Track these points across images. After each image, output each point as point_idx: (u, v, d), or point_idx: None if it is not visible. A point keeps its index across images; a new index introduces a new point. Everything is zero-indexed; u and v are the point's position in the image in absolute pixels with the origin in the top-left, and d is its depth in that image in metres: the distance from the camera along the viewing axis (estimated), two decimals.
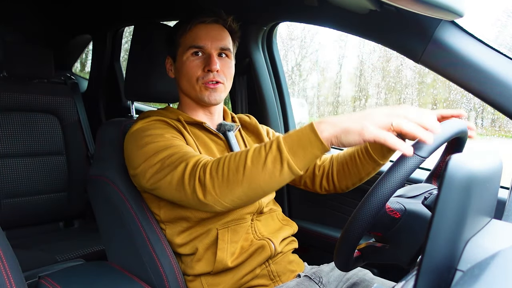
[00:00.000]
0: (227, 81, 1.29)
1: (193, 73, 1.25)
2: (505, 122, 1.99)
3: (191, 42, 1.26)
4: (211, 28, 1.27)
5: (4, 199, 2.04)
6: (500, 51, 1.13)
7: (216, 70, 1.24)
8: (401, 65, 2.22)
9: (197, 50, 1.25)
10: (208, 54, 1.25)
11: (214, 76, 1.24)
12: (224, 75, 1.27)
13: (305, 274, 1.27)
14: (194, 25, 1.27)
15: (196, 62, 1.25)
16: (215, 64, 1.23)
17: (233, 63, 1.33)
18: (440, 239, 0.52)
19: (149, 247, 1.20)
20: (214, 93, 1.26)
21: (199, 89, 1.26)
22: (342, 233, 0.85)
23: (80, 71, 3.51)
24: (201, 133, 1.30)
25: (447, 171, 0.52)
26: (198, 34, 1.26)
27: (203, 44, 1.25)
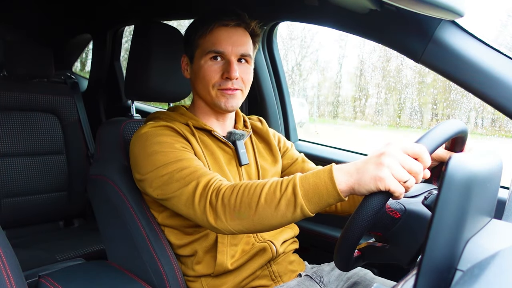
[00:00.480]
0: (245, 88, 1.25)
1: (210, 78, 1.20)
2: (505, 122, 1.99)
3: (210, 46, 1.20)
4: (233, 32, 1.21)
5: (4, 199, 2.04)
6: (500, 51, 1.13)
7: (236, 78, 1.19)
8: (401, 64, 2.22)
9: (216, 55, 1.20)
10: (228, 60, 1.19)
11: (233, 83, 1.20)
12: (243, 81, 1.23)
13: (306, 273, 1.27)
14: (215, 27, 1.20)
15: (215, 68, 1.20)
16: (234, 71, 1.18)
17: (252, 68, 1.27)
18: (440, 238, 0.52)
19: (149, 247, 1.20)
20: (232, 100, 1.22)
21: (215, 94, 1.21)
22: (342, 233, 0.85)
23: (80, 70, 3.51)
24: (210, 140, 1.26)
25: (447, 171, 0.52)
26: (219, 38, 1.19)
27: (223, 50, 1.19)
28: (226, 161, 1.26)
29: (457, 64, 1.15)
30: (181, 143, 1.16)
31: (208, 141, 1.26)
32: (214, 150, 1.25)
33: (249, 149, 1.35)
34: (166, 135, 1.16)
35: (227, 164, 1.26)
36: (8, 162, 2.07)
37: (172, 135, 1.17)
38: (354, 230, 0.82)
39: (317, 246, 1.76)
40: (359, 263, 0.98)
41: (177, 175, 1.05)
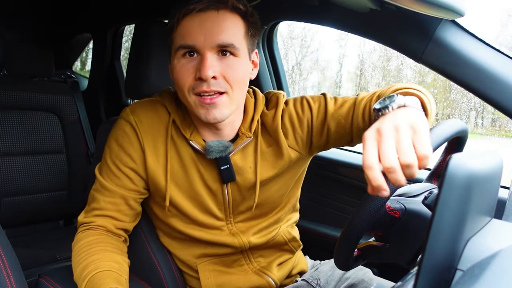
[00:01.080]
0: (233, 89, 0.98)
1: (183, 81, 0.97)
2: (506, 122, 1.99)
3: (179, 40, 0.97)
4: (205, 18, 0.95)
5: (4, 198, 2.04)
6: (500, 50, 1.13)
7: (212, 77, 0.94)
8: (401, 64, 2.22)
9: (189, 50, 0.96)
10: (202, 54, 0.95)
11: (210, 85, 0.94)
12: (227, 81, 0.96)
13: (303, 278, 1.26)
14: (183, 16, 0.97)
15: (188, 67, 0.97)
16: (206, 69, 0.93)
17: (243, 62, 1.00)
18: (440, 238, 0.52)
19: (147, 247, 1.20)
20: (213, 110, 0.97)
21: (194, 103, 0.98)
22: (342, 232, 0.85)
23: (80, 69, 3.51)
24: (187, 148, 1.08)
25: (448, 170, 0.51)
26: (188, 29, 0.96)
27: (193, 43, 0.95)
28: (208, 175, 1.09)
29: (458, 64, 1.15)
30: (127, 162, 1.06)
31: (184, 148, 1.08)
32: (186, 161, 1.08)
33: (248, 156, 1.11)
34: (119, 146, 1.07)
35: (207, 180, 1.09)
36: (8, 161, 2.06)
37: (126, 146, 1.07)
38: (354, 230, 0.82)
39: (316, 246, 1.76)
40: (359, 263, 0.98)
41: (92, 190, 1.11)
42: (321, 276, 1.27)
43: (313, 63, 3.14)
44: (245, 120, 1.11)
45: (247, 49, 1.01)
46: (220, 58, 0.96)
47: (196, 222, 1.13)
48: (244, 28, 1.00)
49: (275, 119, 1.11)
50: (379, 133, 0.70)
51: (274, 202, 1.18)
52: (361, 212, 0.80)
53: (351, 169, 1.80)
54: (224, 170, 1.07)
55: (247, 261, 1.20)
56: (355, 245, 0.85)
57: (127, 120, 1.08)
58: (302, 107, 1.13)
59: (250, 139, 1.10)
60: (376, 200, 0.80)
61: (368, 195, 0.81)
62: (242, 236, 1.15)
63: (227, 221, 1.15)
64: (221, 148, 1.04)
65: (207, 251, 1.17)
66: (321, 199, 1.84)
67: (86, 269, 0.97)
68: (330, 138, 1.12)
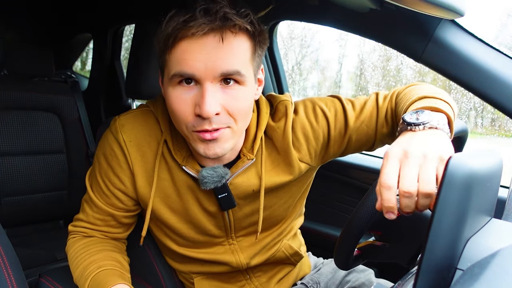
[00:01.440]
0: (237, 122, 0.86)
1: (180, 115, 0.85)
2: (505, 121, 1.99)
3: (175, 65, 0.82)
4: (206, 42, 0.79)
5: (4, 197, 2.04)
6: (500, 50, 1.13)
7: (213, 114, 0.81)
8: (401, 64, 2.22)
9: (186, 78, 0.82)
10: (201, 85, 0.82)
11: (212, 122, 0.82)
12: (231, 114, 0.84)
13: (302, 282, 1.25)
14: (179, 39, 0.81)
15: (185, 99, 0.83)
16: (208, 106, 0.79)
17: (249, 90, 0.87)
18: (440, 238, 0.52)
19: (147, 250, 1.20)
20: (214, 146, 0.86)
21: (192, 137, 0.87)
22: (342, 232, 0.85)
23: (80, 69, 3.51)
24: (184, 175, 0.98)
25: (448, 170, 0.52)
26: (185, 54, 0.80)
27: (191, 71, 0.80)
28: (206, 203, 1.01)
29: (457, 63, 1.15)
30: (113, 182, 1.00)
31: (179, 174, 0.98)
32: (181, 188, 0.99)
33: (251, 178, 1.00)
34: (108, 158, 1.00)
35: (205, 205, 1.01)
36: (9, 161, 2.06)
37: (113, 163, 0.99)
38: (354, 229, 0.82)
39: (316, 245, 1.76)
40: (359, 262, 0.98)
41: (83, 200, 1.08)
42: (321, 280, 1.25)
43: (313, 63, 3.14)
44: (247, 140, 0.99)
45: (253, 73, 0.89)
46: (223, 87, 0.83)
47: (192, 243, 1.09)
48: (251, 49, 0.86)
49: (285, 133, 1.00)
50: (406, 155, 0.66)
51: (279, 216, 1.11)
52: (361, 211, 0.80)
53: (354, 170, 1.80)
54: (222, 198, 0.98)
55: (246, 277, 1.16)
56: (355, 244, 0.85)
57: (116, 137, 0.98)
58: (316, 117, 1.02)
59: (252, 162, 0.99)
60: (376, 199, 0.80)
61: (368, 194, 0.81)
62: (241, 255, 1.10)
63: (227, 237, 1.09)
64: (216, 178, 0.94)
65: (204, 269, 1.13)
66: (323, 199, 1.84)
67: (87, 269, 0.97)
68: (349, 147, 1.04)
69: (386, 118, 1.00)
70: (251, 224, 1.08)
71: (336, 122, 1.02)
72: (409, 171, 0.64)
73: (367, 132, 1.01)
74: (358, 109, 1.02)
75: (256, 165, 1.01)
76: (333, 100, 1.05)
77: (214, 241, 1.09)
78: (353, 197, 1.79)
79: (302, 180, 1.08)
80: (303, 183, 1.10)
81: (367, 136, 1.02)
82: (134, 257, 1.23)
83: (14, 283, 0.94)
